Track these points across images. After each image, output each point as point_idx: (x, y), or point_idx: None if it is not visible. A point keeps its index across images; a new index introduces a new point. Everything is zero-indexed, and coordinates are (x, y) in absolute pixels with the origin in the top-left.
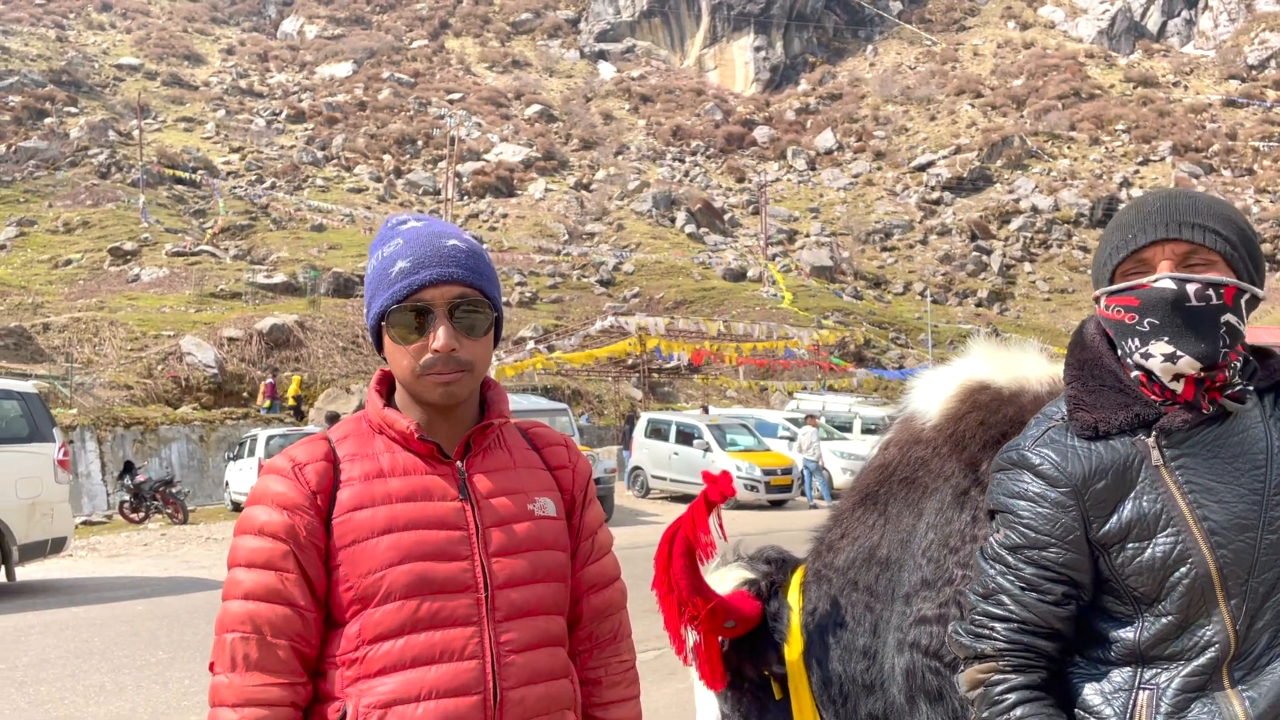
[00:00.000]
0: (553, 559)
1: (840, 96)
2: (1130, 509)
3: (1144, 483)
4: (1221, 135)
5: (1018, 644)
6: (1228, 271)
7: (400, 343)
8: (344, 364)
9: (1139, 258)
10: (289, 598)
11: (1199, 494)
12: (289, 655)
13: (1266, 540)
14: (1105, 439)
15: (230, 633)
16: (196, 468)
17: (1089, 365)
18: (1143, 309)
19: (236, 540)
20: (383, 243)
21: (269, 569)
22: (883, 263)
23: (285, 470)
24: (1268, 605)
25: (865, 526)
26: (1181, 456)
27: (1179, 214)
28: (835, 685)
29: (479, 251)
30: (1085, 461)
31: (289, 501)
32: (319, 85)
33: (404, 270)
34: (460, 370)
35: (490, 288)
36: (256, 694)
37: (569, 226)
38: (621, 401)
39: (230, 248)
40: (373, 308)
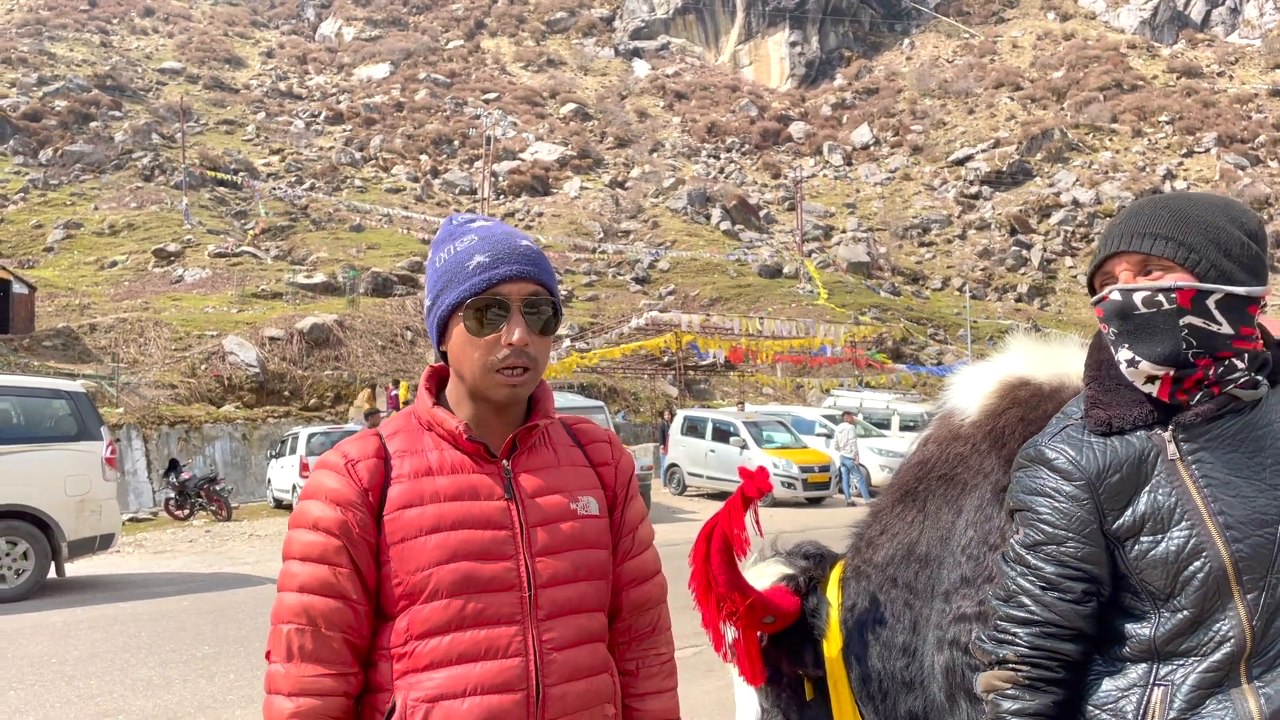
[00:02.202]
0: (594, 557)
1: (877, 91)
2: (1145, 502)
3: (1159, 476)
4: (1268, 126)
5: (1041, 649)
6: (1185, 277)
7: (475, 335)
8: (383, 363)
9: (1104, 271)
10: (342, 591)
11: (1215, 488)
12: (342, 646)
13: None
14: (1120, 434)
15: (286, 624)
16: (239, 465)
17: (1105, 365)
18: (1106, 319)
19: (291, 533)
20: (452, 239)
21: (323, 563)
22: (920, 258)
23: (338, 466)
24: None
25: (904, 523)
26: (1199, 451)
27: (1137, 226)
28: (874, 682)
29: (544, 254)
30: (1100, 456)
31: (342, 497)
32: (357, 87)
33: (482, 264)
34: (528, 367)
35: (555, 288)
36: (311, 684)
37: (604, 224)
38: (657, 399)
39: (271, 248)
40: (444, 299)
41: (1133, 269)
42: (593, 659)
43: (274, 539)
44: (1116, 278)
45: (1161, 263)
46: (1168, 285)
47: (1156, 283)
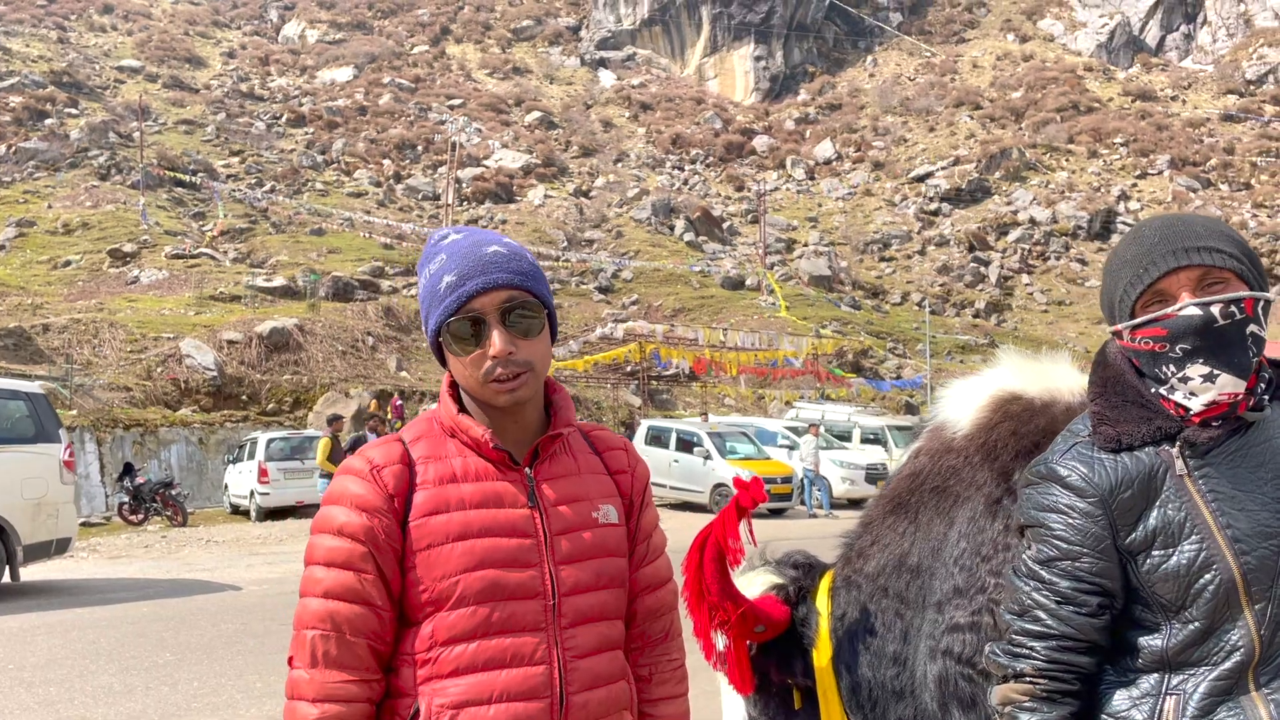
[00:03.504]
0: (614, 565)
1: (840, 107)
2: (1156, 517)
3: (1168, 492)
4: (1219, 150)
5: (1057, 663)
6: (1241, 285)
7: (460, 354)
8: (343, 368)
9: (1155, 289)
10: (367, 597)
11: (1222, 502)
12: (366, 653)
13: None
14: (1129, 451)
15: (310, 629)
16: (196, 470)
17: (1111, 382)
18: (1172, 337)
19: (315, 539)
20: (428, 260)
21: (348, 569)
22: (881, 273)
23: (363, 472)
24: None
25: (896, 534)
26: (1205, 466)
27: (1183, 240)
28: (864, 691)
29: (522, 253)
30: (1111, 472)
31: (367, 504)
32: (320, 89)
33: (451, 284)
34: (521, 372)
35: (538, 287)
36: (335, 690)
37: (568, 233)
38: (620, 409)
39: (230, 251)
40: (429, 324)
41: (1191, 286)
42: (612, 666)
43: (232, 545)
44: (1173, 296)
45: (1221, 274)
46: (1238, 295)
47: (1235, 293)
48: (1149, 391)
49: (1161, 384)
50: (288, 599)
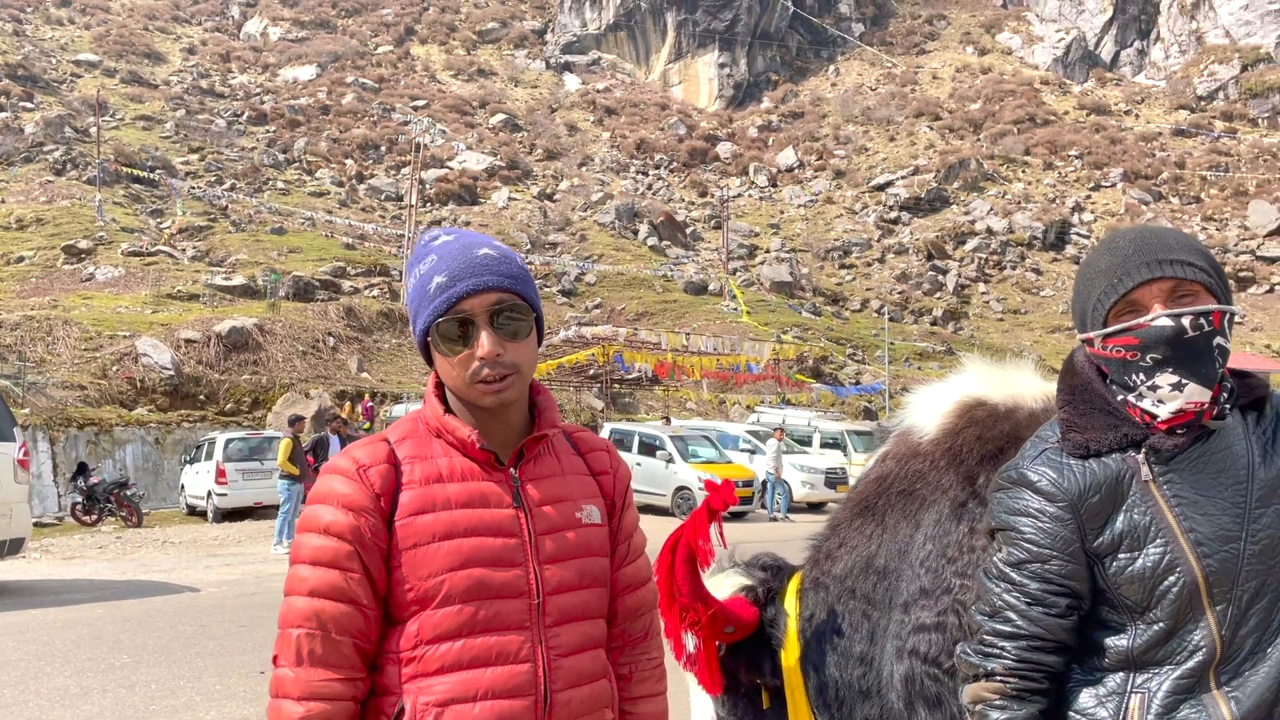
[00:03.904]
0: (597, 565)
1: (802, 115)
2: (1122, 521)
3: (1134, 496)
4: (1170, 164)
5: (1027, 662)
6: (1209, 298)
7: (448, 354)
8: (304, 368)
9: (1129, 299)
10: (353, 596)
11: (1186, 507)
12: (351, 651)
13: (1249, 550)
14: (1097, 457)
15: (296, 628)
16: (151, 470)
17: (1079, 390)
18: (1144, 346)
19: (300, 538)
20: (418, 261)
21: (334, 568)
22: (841, 280)
23: (350, 472)
24: (1251, 612)
25: (863, 536)
26: (1169, 472)
27: (1157, 253)
28: (831, 691)
29: (512, 257)
30: (1080, 478)
31: (354, 503)
32: (281, 88)
33: (441, 285)
34: (508, 374)
35: (527, 290)
36: (320, 688)
37: (532, 236)
38: (583, 412)
39: (188, 249)
40: (417, 324)
41: (1163, 297)
42: (595, 665)
43: (188, 546)
44: (1148, 307)
45: (1191, 287)
46: (1207, 308)
47: (1204, 306)
48: (1115, 399)
49: (1130, 391)
50: (246, 600)
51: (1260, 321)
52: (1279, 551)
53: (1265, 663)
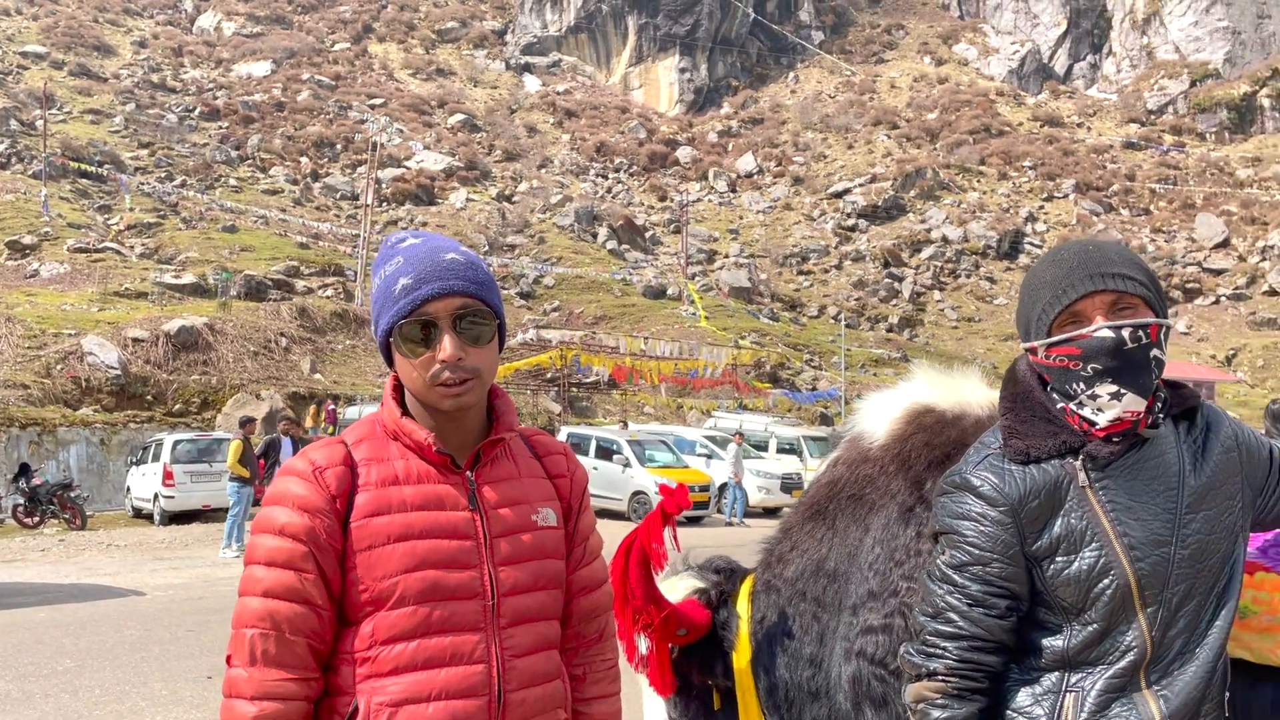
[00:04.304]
0: (552, 567)
1: (762, 121)
2: (1060, 526)
3: (1072, 502)
4: (1121, 176)
5: (968, 662)
6: (1148, 312)
7: (410, 356)
8: (255, 369)
9: (1072, 310)
10: (307, 596)
11: (1120, 512)
12: (305, 652)
13: (1179, 555)
14: (1037, 463)
15: (249, 628)
16: (96, 472)
17: (1021, 398)
18: (1085, 356)
19: (256, 538)
20: (384, 262)
21: (289, 568)
22: (799, 286)
23: (306, 473)
24: (1180, 614)
25: (814, 540)
26: (1105, 479)
27: (1100, 266)
28: (781, 692)
29: (478, 263)
30: (1021, 483)
31: (309, 504)
32: (235, 83)
33: (406, 287)
34: (468, 378)
35: (491, 297)
36: (274, 688)
37: (490, 237)
38: (540, 415)
39: (137, 246)
40: (380, 325)
41: (1105, 309)
42: (548, 665)
43: (133, 549)
44: (1090, 318)
45: (1132, 300)
46: (1146, 321)
47: (1143, 319)
48: (1055, 407)
49: (1070, 399)
50: (194, 605)
51: (1206, 332)
52: (1207, 556)
53: (1193, 663)
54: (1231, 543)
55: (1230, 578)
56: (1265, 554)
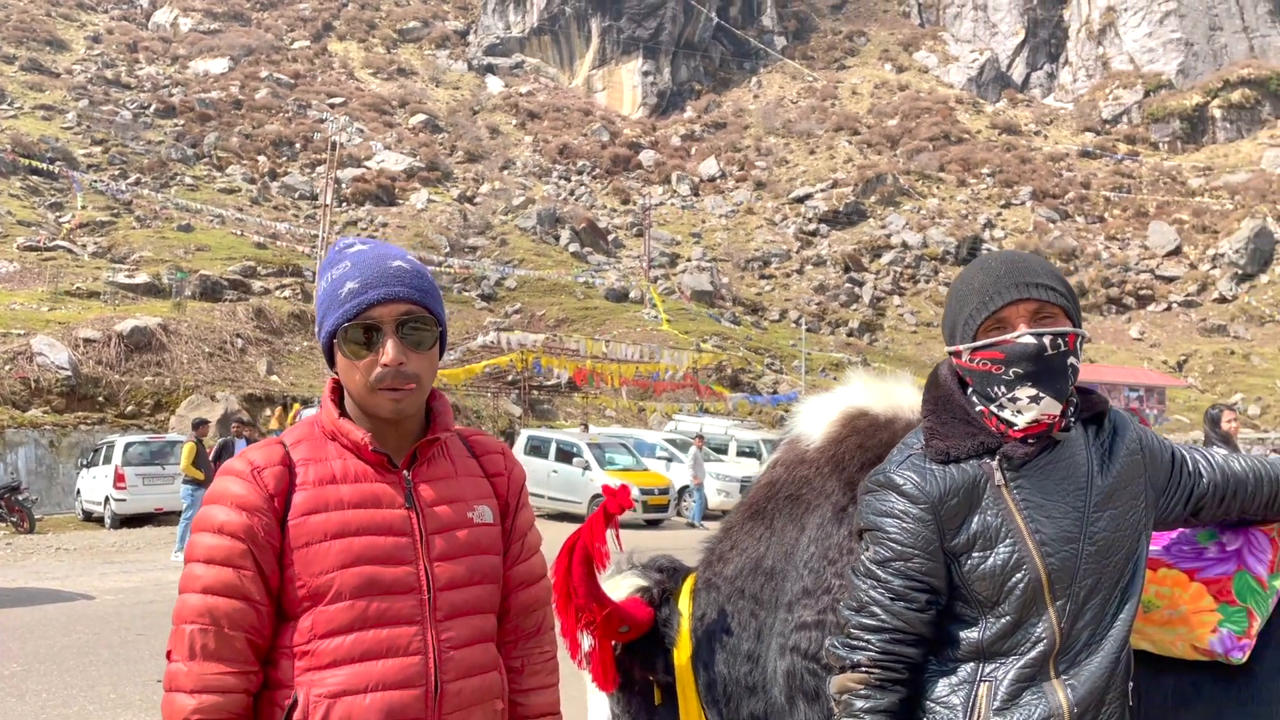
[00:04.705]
0: (488, 562)
1: (724, 126)
2: (977, 522)
3: (988, 500)
4: (1076, 184)
5: (889, 654)
6: (1067, 321)
7: (352, 358)
8: (210, 370)
9: (997, 317)
10: (245, 593)
11: (1033, 510)
12: (244, 646)
13: (1087, 551)
14: (956, 462)
15: (189, 624)
16: (45, 474)
17: (942, 401)
18: (1008, 360)
19: (195, 537)
20: (331, 265)
21: (227, 565)
22: (760, 290)
23: (244, 473)
24: (1087, 607)
25: (753, 539)
26: (1020, 478)
27: (1025, 276)
28: (720, 687)
29: (423, 271)
30: (941, 482)
31: (247, 503)
32: (192, 80)
33: (353, 290)
34: (409, 384)
35: (435, 304)
36: (212, 681)
37: (451, 239)
38: (500, 418)
39: (89, 244)
40: (324, 327)
41: (1028, 317)
42: (485, 657)
43: (83, 553)
44: (1014, 325)
45: (1052, 309)
46: (1065, 330)
47: (1058, 328)
48: (974, 410)
49: (991, 402)
50: (145, 608)
51: (1158, 338)
52: (1113, 552)
53: (1098, 653)
54: (1135, 540)
55: (1134, 573)
56: (1168, 551)
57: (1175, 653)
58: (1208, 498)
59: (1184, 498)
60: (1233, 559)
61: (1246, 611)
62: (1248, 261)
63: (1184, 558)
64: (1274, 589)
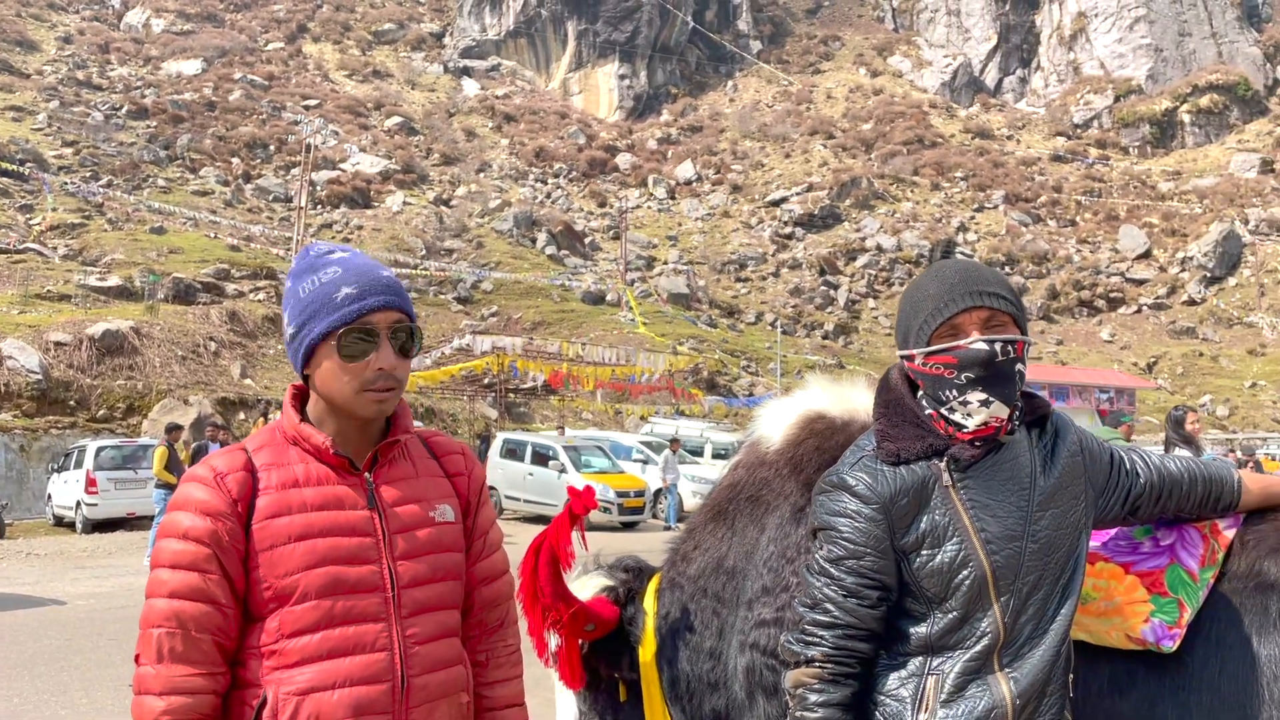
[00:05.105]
0: (450, 560)
1: (701, 129)
2: (926, 521)
3: (936, 500)
4: (1048, 188)
5: (842, 649)
6: (1015, 329)
7: (348, 360)
8: (183, 374)
9: (951, 323)
10: (211, 596)
11: (979, 509)
12: (211, 648)
13: (1030, 548)
14: (906, 464)
15: (156, 628)
16: (16, 479)
17: (893, 405)
18: (961, 366)
19: (161, 543)
20: (314, 270)
21: (193, 570)
22: (736, 293)
23: (207, 479)
24: (1030, 602)
25: (715, 539)
26: (967, 479)
27: (978, 285)
28: (683, 683)
29: (401, 283)
30: (891, 483)
31: (211, 508)
32: (164, 81)
33: (351, 295)
34: (393, 387)
35: (414, 314)
36: (181, 683)
37: (427, 242)
38: (476, 421)
39: (60, 247)
40: (313, 328)
41: (979, 324)
42: (450, 652)
43: (54, 558)
44: (966, 332)
45: (1003, 318)
46: (1014, 337)
47: (1008, 335)
48: (923, 413)
49: (941, 405)
50: (116, 614)
51: (1128, 340)
52: (1054, 550)
53: (1040, 647)
54: (1075, 538)
55: (1074, 570)
56: (1106, 545)
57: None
58: (1144, 497)
59: (1122, 497)
60: (1166, 553)
61: (1178, 603)
62: (1216, 265)
63: (1120, 551)
64: (1204, 581)
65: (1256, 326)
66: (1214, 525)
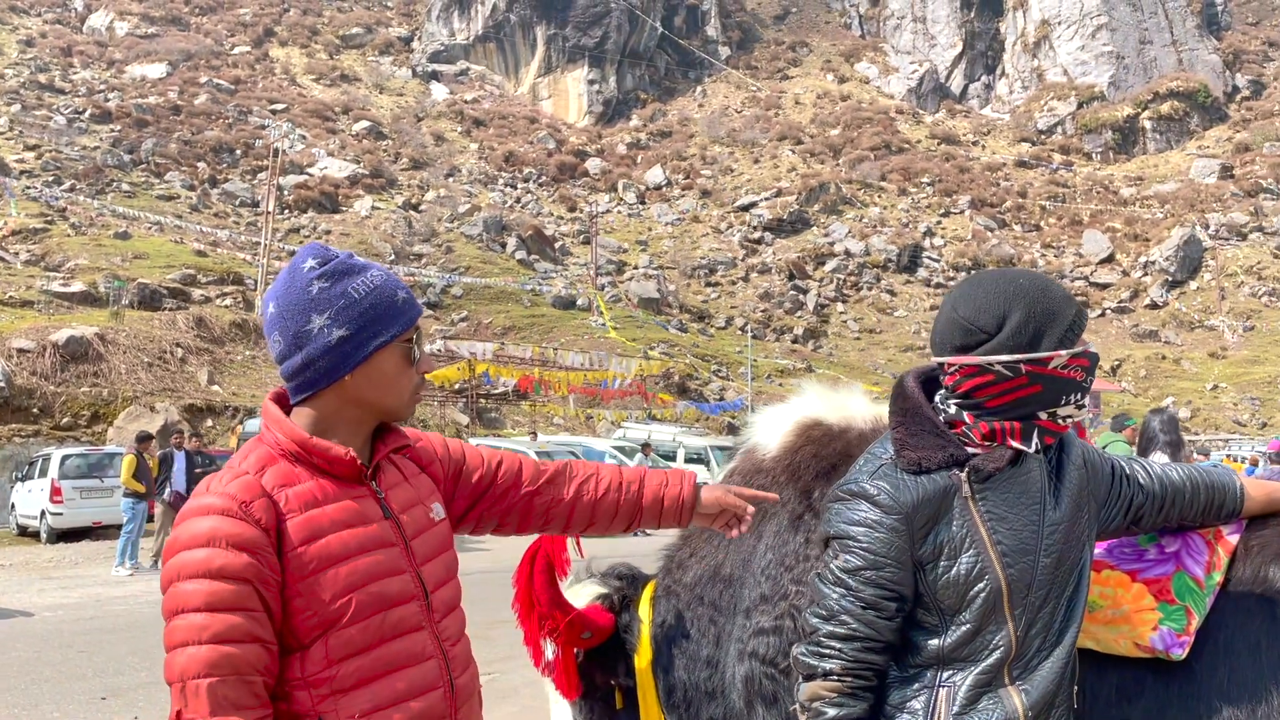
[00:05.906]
0: (452, 557)
1: (670, 134)
2: (944, 532)
3: (955, 510)
4: (1014, 193)
5: (861, 662)
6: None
7: (403, 368)
8: (149, 380)
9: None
10: (258, 635)
11: (995, 522)
12: (261, 690)
13: (1043, 563)
14: (927, 473)
15: (204, 677)
16: None
17: (910, 413)
18: (1090, 368)
19: (189, 584)
20: (354, 273)
21: (237, 610)
22: (706, 297)
23: (231, 509)
24: (1040, 615)
25: (711, 546)
26: (985, 490)
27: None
28: (680, 692)
29: None
30: (913, 492)
31: (244, 542)
32: (128, 85)
33: (407, 300)
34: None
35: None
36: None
37: (396, 246)
38: (447, 427)
39: (21, 252)
40: (381, 331)
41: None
42: (469, 647)
43: (19, 568)
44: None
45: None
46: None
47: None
48: (941, 422)
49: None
50: (86, 624)
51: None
52: (1063, 563)
53: (1049, 660)
54: (1080, 551)
55: (1079, 583)
56: (1111, 553)
57: (1119, 650)
58: (1147, 507)
59: (1124, 508)
60: (1171, 560)
61: (1185, 610)
62: (1177, 269)
63: (1126, 559)
64: (1211, 588)
65: (1217, 329)
66: (1218, 531)
